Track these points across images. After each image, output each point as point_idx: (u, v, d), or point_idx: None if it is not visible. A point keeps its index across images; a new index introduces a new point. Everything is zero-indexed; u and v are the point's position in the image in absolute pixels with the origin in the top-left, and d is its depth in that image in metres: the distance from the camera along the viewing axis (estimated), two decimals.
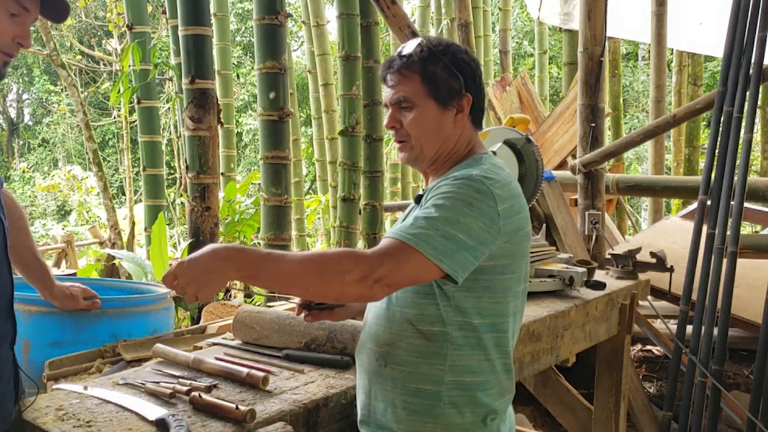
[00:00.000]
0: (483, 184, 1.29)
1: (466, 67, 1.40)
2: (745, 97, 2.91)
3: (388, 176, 8.74)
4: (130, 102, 5.70)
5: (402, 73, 1.38)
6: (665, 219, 5.15)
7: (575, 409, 3.03)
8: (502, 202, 1.30)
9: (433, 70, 1.37)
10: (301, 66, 13.19)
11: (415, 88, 1.38)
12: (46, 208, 14.94)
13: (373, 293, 1.24)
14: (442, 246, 1.23)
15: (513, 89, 5.93)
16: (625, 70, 13.57)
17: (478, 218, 1.26)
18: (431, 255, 1.22)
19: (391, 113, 1.42)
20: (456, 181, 1.31)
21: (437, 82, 1.37)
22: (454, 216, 1.25)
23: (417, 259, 1.23)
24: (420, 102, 1.38)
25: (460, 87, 1.38)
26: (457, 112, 1.40)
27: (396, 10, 3.64)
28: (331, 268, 1.22)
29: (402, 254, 1.23)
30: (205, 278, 1.18)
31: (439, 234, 1.23)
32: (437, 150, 1.41)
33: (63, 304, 1.98)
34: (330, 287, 1.24)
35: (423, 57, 1.37)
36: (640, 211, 11.42)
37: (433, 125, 1.39)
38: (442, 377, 1.34)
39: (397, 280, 1.24)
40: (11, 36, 1.33)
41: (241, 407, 1.31)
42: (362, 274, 1.20)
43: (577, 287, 2.50)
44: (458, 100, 1.39)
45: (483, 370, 1.36)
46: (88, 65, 11.48)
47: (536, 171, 2.50)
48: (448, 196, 1.28)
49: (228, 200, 4.71)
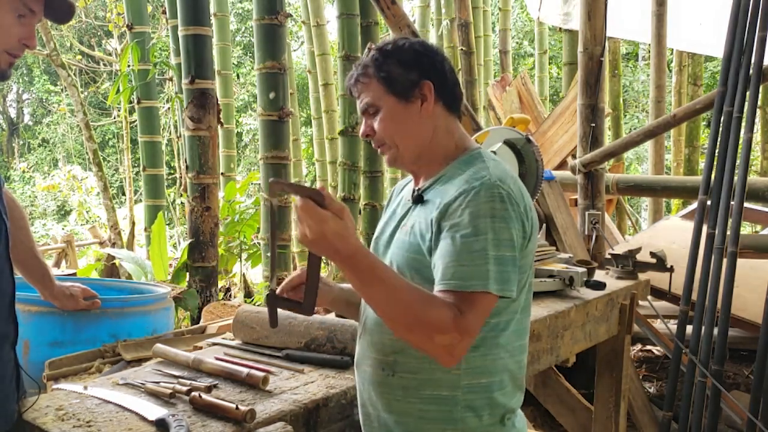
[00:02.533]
0: (501, 188, 1.26)
1: (421, 57, 1.38)
2: (745, 97, 2.91)
3: (388, 176, 8.73)
4: (130, 102, 5.70)
5: (361, 81, 1.39)
6: (665, 219, 5.15)
7: (575, 409, 3.03)
8: (521, 201, 1.29)
9: (387, 69, 1.36)
10: (301, 66, 13.19)
11: (374, 90, 1.37)
12: (46, 208, 14.94)
13: (455, 357, 1.21)
14: (501, 275, 1.22)
15: (513, 89, 5.93)
16: (625, 70, 13.58)
17: (512, 227, 1.25)
18: (497, 290, 1.22)
19: (364, 122, 1.41)
20: (476, 194, 1.25)
21: (393, 78, 1.36)
22: (496, 236, 1.23)
23: (489, 300, 1.23)
24: (381, 102, 1.37)
25: (417, 77, 1.36)
26: (422, 102, 1.36)
27: (396, 10, 3.64)
28: (430, 321, 1.18)
29: (477, 305, 1.21)
30: (323, 236, 1.13)
31: (493, 263, 1.22)
32: (415, 145, 1.39)
33: (63, 304, 1.98)
34: (418, 337, 1.21)
35: (374, 60, 1.37)
36: (640, 211, 11.42)
37: (399, 121, 1.37)
38: (458, 381, 1.30)
39: (478, 331, 1.23)
40: (17, 37, 1.33)
41: (241, 407, 1.31)
42: (452, 341, 1.18)
43: (577, 287, 2.50)
44: (419, 90, 1.36)
45: (498, 369, 1.33)
46: (88, 65, 11.50)
47: (536, 171, 2.49)
48: (477, 216, 1.23)
49: (228, 200, 4.72)
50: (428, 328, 1.18)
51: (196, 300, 3.44)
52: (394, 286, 1.19)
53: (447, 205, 1.27)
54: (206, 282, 3.56)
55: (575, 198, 3.99)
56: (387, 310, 1.22)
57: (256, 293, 4.84)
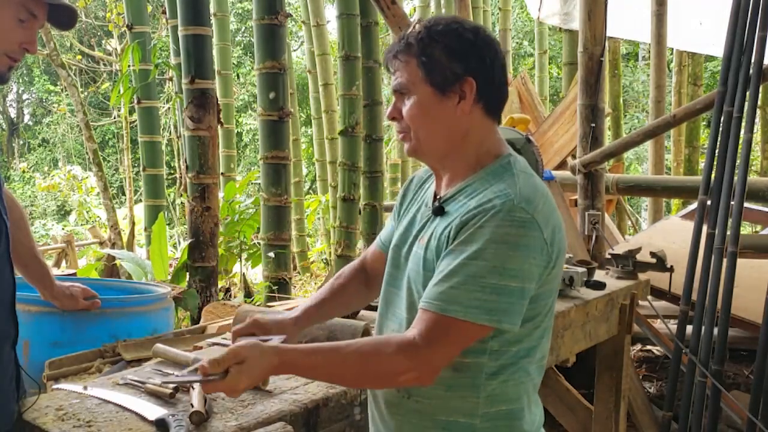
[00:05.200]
0: (525, 212, 1.15)
1: (471, 50, 1.23)
2: (745, 97, 2.91)
3: (388, 176, 8.74)
4: (130, 102, 5.70)
5: (400, 58, 1.26)
6: (665, 219, 5.15)
7: (575, 409, 3.03)
8: (546, 227, 1.17)
9: (430, 53, 1.23)
10: (301, 66, 13.19)
11: (412, 73, 1.24)
12: (46, 208, 14.95)
13: (427, 380, 1.18)
14: (495, 305, 1.13)
15: (513, 89, 5.92)
16: (625, 70, 13.57)
17: (528, 256, 1.14)
18: (485, 320, 1.13)
19: (393, 102, 1.29)
20: (493, 216, 1.15)
21: (434, 66, 1.23)
22: (501, 263, 1.13)
23: (468, 329, 1.14)
24: (416, 89, 1.24)
25: (461, 71, 1.22)
26: (460, 99, 1.23)
27: (396, 10, 3.64)
28: (384, 373, 1.18)
29: (448, 332, 1.14)
30: (254, 381, 1.16)
31: (488, 291, 1.13)
32: (442, 144, 1.27)
33: (63, 304, 1.98)
34: (385, 386, 1.25)
35: (420, 39, 1.24)
36: (640, 211, 11.41)
37: (431, 114, 1.25)
38: (476, 409, 1.22)
39: (449, 358, 1.18)
40: (18, 41, 1.34)
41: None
42: (418, 373, 1.16)
43: (577, 287, 2.50)
44: (460, 86, 1.23)
45: (519, 395, 1.25)
46: (88, 65, 11.50)
47: (536, 171, 2.49)
48: (488, 239, 1.14)
49: (228, 200, 4.71)
50: (386, 378, 1.20)
51: (196, 300, 3.44)
52: (332, 364, 1.17)
53: (464, 222, 1.18)
54: (206, 282, 3.56)
55: (575, 198, 3.99)
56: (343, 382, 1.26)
57: (256, 293, 4.84)
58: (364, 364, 1.18)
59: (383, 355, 1.17)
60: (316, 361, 1.17)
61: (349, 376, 1.22)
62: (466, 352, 1.20)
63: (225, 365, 1.11)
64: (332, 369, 1.18)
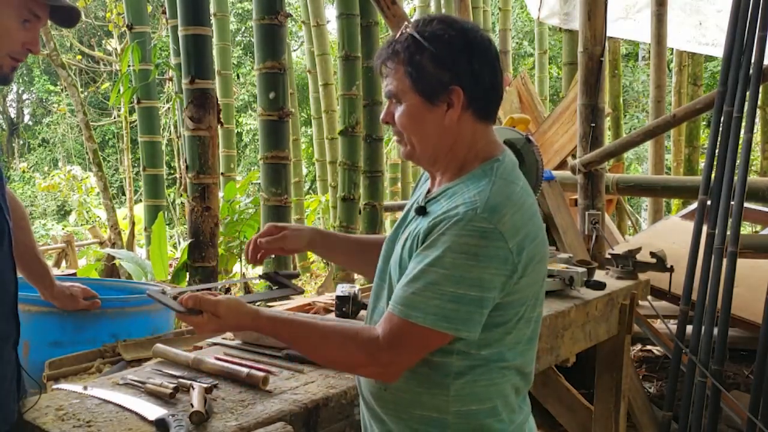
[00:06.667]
0: (487, 222, 1.15)
1: (459, 57, 1.21)
2: (745, 97, 2.91)
3: (388, 176, 8.75)
4: (130, 102, 5.70)
5: (388, 65, 1.26)
6: (665, 219, 5.15)
7: (575, 409, 3.03)
8: (513, 237, 1.16)
9: (417, 62, 1.22)
10: (301, 66, 13.19)
11: (400, 81, 1.24)
12: (46, 208, 14.95)
13: (389, 379, 1.25)
14: (454, 313, 1.15)
15: (513, 89, 5.92)
16: (625, 70, 13.57)
17: (489, 266, 1.15)
18: (444, 327, 1.16)
19: (386, 107, 1.30)
20: (455, 224, 1.16)
21: (421, 75, 1.22)
22: (459, 273, 1.14)
23: (428, 335, 1.17)
24: (405, 97, 1.24)
25: (448, 79, 1.21)
26: (448, 108, 1.23)
27: (396, 10, 3.64)
28: (347, 363, 1.30)
29: (410, 337, 1.18)
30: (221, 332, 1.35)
31: (446, 299, 1.15)
32: (433, 150, 1.28)
33: (63, 304, 1.98)
34: (349, 373, 1.47)
35: (407, 48, 1.22)
36: (640, 211, 11.41)
37: (420, 122, 1.25)
38: (447, 406, 1.24)
39: (410, 360, 1.22)
40: (21, 42, 1.34)
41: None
42: (374, 369, 1.24)
43: (577, 287, 2.50)
44: (447, 95, 1.22)
45: (490, 396, 1.25)
46: (88, 65, 11.50)
47: (536, 171, 2.50)
48: (448, 247, 1.15)
49: (228, 200, 4.72)
50: (348, 367, 1.37)
51: None
52: (302, 343, 1.29)
53: (430, 227, 1.20)
54: (206, 282, 3.56)
55: (575, 198, 3.99)
56: (310, 357, 1.42)
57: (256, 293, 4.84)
58: (329, 349, 1.27)
59: (349, 347, 1.24)
60: (286, 336, 1.29)
61: (315, 357, 1.37)
62: (435, 351, 1.23)
63: (203, 308, 1.26)
64: (301, 347, 1.32)
